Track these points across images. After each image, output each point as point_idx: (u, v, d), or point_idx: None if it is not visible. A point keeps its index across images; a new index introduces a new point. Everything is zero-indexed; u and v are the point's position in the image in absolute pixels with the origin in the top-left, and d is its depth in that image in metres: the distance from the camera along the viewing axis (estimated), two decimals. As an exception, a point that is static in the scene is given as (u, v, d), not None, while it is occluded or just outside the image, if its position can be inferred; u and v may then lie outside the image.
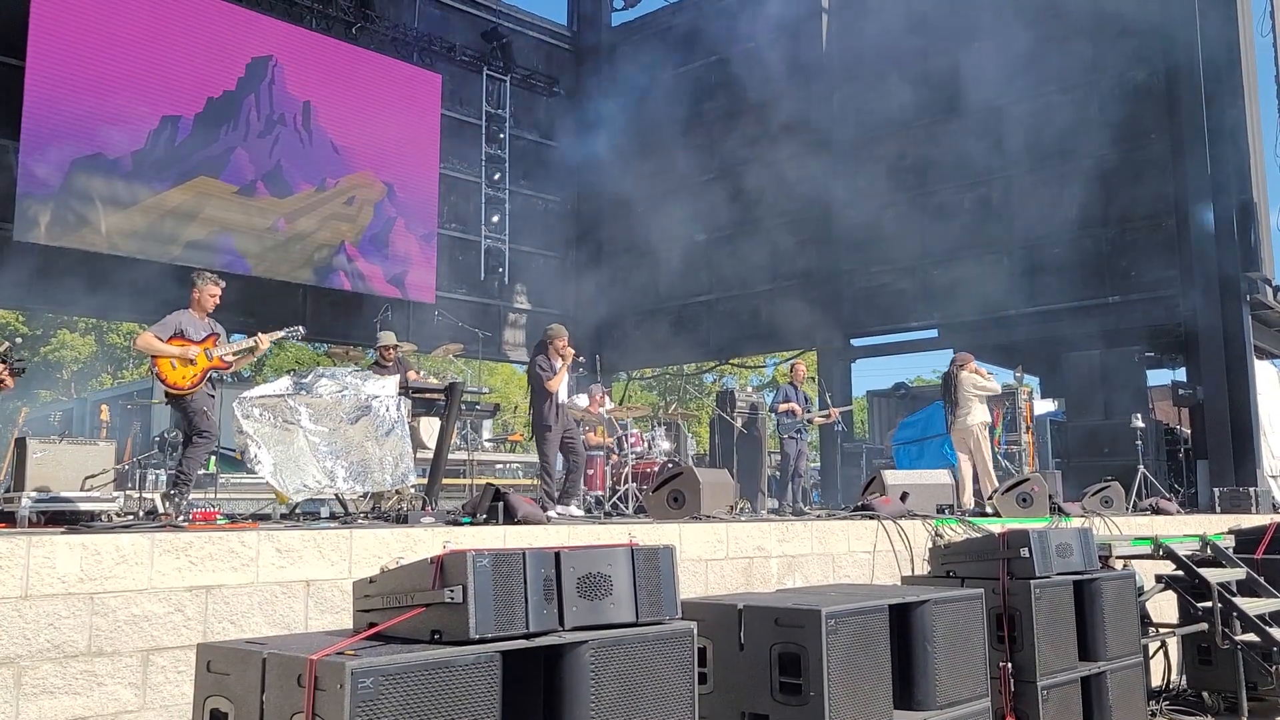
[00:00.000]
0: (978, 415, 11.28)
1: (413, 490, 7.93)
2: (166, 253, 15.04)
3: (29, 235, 13.84)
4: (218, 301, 7.53)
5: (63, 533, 4.53)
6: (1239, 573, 7.05)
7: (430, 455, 8.25)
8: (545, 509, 8.58)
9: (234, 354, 7.40)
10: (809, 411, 12.78)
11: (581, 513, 9.16)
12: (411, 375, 9.14)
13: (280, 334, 8.15)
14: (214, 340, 7.39)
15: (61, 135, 14.10)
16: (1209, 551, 7.19)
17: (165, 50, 15.19)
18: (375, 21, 17.93)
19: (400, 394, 7.48)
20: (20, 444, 8.34)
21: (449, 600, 3.04)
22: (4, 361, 6.46)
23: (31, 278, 14.25)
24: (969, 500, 11.06)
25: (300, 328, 8.38)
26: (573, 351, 9.58)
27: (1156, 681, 7.22)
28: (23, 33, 13.89)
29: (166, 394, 7.41)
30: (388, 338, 10.13)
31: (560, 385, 9.32)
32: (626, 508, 11.13)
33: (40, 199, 13.92)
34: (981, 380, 11.30)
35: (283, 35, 16.71)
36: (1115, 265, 15.20)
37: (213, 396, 7.41)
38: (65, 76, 14.17)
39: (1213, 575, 6.73)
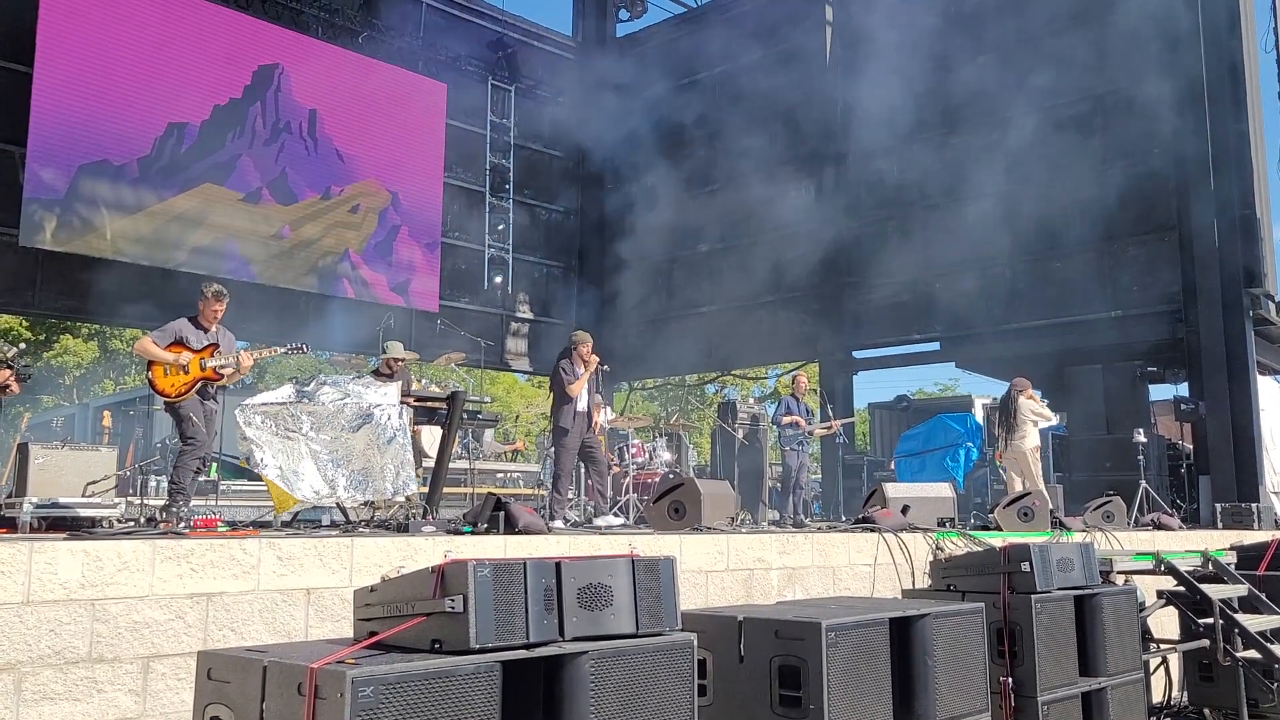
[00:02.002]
0: (1032, 439, 11.89)
1: (410, 499, 7.92)
2: (171, 259, 15.08)
3: (34, 240, 13.88)
4: (218, 316, 7.55)
5: (65, 538, 4.54)
6: (1241, 589, 7.03)
7: (432, 464, 8.25)
8: (552, 518, 8.57)
9: (223, 367, 7.40)
10: (811, 424, 12.79)
11: (620, 521, 9.07)
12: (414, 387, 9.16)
13: (266, 353, 8.15)
14: (211, 351, 7.41)
15: (68, 141, 14.15)
16: (1211, 567, 7.17)
17: (172, 57, 15.25)
18: (381, 31, 17.99)
19: (402, 402, 7.48)
20: (22, 449, 8.35)
21: (449, 610, 3.04)
22: (10, 367, 6.50)
23: (36, 282, 14.29)
24: None
25: (304, 345, 8.38)
26: (596, 359, 9.57)
27: (1157, 698, 7.20)
28: (31, 39, 13.95)
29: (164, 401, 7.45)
30: (395, 349, 10.11)
31: (581, 391, 9.32)
32: (627, 518, 11.12)
33: (46, 204, 13.97)
34: (1038, 407, 11.97)
35: (289, 44, 16.78)
36: (1118, 280, 15.19)
37: (206, 404, 7.41)
38: (72, 83, 14.23)
39: (1214, 591, 6.70)
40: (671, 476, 11.16)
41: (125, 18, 14.85)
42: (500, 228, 19.58)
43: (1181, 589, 6.85)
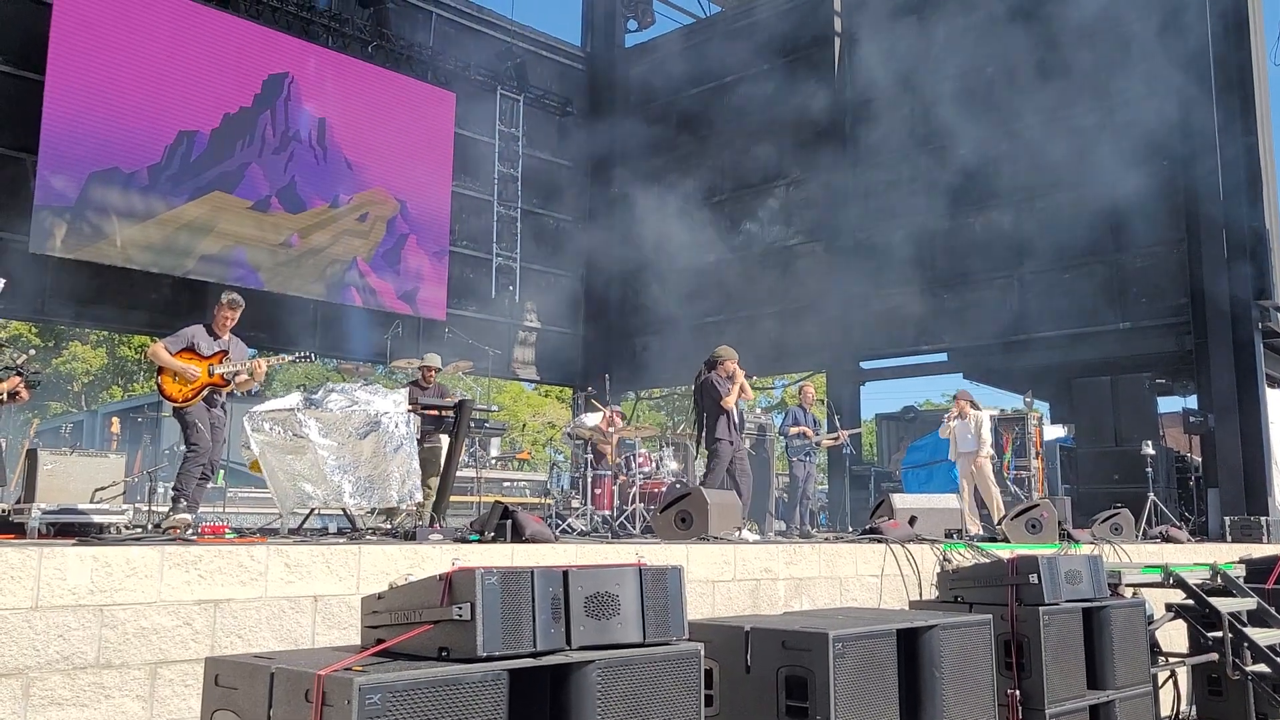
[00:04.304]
0: (962, 448, 12.51)
1: (419, 507, 7.92)
2: (180, 266, 15.14)
3: (45, 247, 13.94)
4: (230, 324, 7.59)
5: (74, 544, 4.55)
6: (1250, 603, 7.00)
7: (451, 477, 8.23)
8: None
9: (232, 374, 7.41)
10: (818, 434, 12.77)
11: (755, 537, 8.98)
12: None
13: (274, 360, 8.18)
14: (220, 358, 7.44)
15: (79, 149, 14.22)
16: (1219, 581, 7.14)
17: (183, 66, 15.33)
18: (391, 40, 18.07)
19: (409, 410, 7.49)
20: (31, 455, 8.39)
21: (457, 618, 3.05)
22: (20, 374, 6.54)
23: (46, 289, 14.35)
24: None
25: (311, 353, 8.40)
26: (743, 373, 9.69)
27: (1166, 712, 7.16)
28: (43, 47, 14.04)
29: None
30: (434, 359, 10.25)
31: (733, 404, 9.53)
32: (634, 528, 11.11)
33: (57, 211, 14.03)
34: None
35: (299, 53, 16.86)
36: (1126, 291, 15.17)
37: (212, 411, 7.42)
38: (84, 91, 14.31)
39: (1223, 605, 6.68)
40: (678, 486, 11.13)
41: (136, 26, 14.94)
42: (507, 237, 19.63)
43: (1190, 602, 6.82)
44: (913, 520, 8.75)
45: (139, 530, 6.79)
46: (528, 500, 15.76)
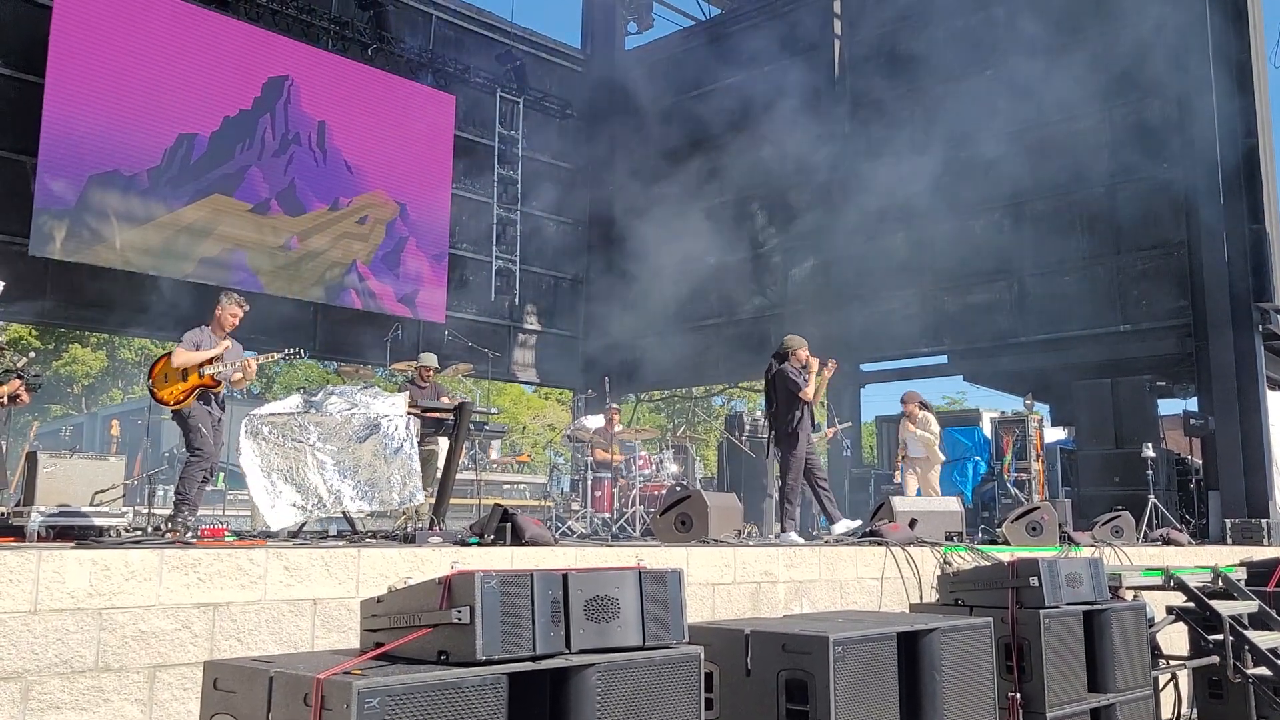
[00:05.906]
0: (913, 452, 12.85)
1: (419, 510, 7.91)
2: (179, 269, 15.13)
3: (44, 250, 13.95)
4: (238, 322, 7.58)
5: (73, 547, 4.55)
6: (1251, 605, 6.99)
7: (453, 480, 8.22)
8: (783, 531, 8.45)
9: (222, 374, 7.37)
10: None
11: (853, 526, 8.68)
12: (444, 400, 9.19)
13: (276, 356, 8.15)
14: (211, 358, 7.40)
15: (79, 152, 14.22)
16: (1220, 583, 7.13)
17: (183, 69, 15.34)
18: (391, 43, 18.08)
19: (409, 413, 7.48)
20: (31, 458, 8.39)
21: (456, 621, 3.04)
22: (20, 377, 6.53)
23: (45, 292, 14.34)
24: None
25: (301, 350, 8.32)
26: (817, 361, 9.25)
27: (1166, 715, 7.16)
28: (43, 50, 14.04)
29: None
30: (429, 359, 10.27)
31: (812, 395, 9.06)
32: (634, 530, 11.11)
33: (56, 214, 14.03)
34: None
35: (299, 55, 16.86)
36: (1127, 294, 15.17)
37: (211, 413, 7.40)
38: (84, 94, 14.31)
39: (1224, 608, 6.67)
40: (678, 489, 11.14)
41: (137, 29, 14.94)
42: (507, 239, 19.63)
43: (1191, 605, 6.81)
44: (913, 523, 8.74)
45: (139, 533, 6.78)
46: (527, 503, 15.76)
